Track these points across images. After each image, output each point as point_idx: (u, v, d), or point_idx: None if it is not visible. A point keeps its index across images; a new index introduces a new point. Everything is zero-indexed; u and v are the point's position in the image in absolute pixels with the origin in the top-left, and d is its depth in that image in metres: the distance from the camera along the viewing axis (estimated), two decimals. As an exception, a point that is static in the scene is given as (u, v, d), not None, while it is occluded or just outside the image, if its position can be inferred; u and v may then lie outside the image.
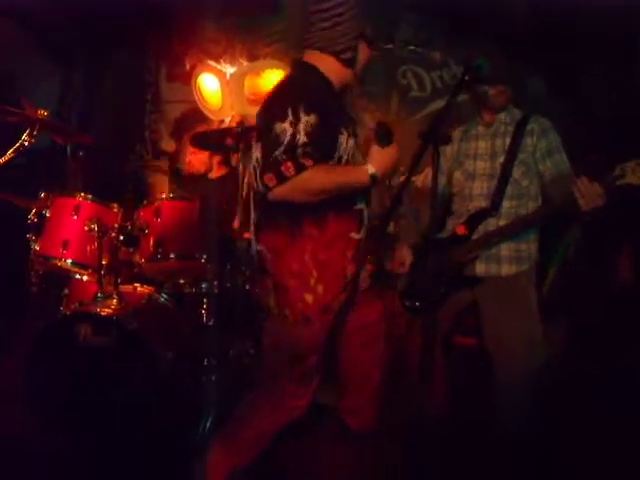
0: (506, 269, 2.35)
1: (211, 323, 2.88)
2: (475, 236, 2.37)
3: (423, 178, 3.73)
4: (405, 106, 4.15)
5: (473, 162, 2.45)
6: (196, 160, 3.58)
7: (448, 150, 2.51)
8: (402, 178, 3.97)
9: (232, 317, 2.88)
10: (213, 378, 2.77)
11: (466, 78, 2.05)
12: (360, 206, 1.92)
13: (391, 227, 3.13)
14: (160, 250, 2.75)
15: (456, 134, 2.51)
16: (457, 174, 2.48)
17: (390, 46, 4.11)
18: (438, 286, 2.38)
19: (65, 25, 4.10)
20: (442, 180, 2.54)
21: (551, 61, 3.61)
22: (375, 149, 1.85)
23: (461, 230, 2.41)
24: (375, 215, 3.53)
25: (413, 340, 2.37)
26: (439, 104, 4.06)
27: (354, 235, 1.89)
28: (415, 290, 2.45)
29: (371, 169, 1.83)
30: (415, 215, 2.60)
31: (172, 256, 2.75)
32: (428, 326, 1.95)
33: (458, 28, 3.85)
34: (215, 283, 2.81)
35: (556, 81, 3.74)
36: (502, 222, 2.34)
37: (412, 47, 4.12)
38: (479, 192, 2.41)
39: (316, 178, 1.79)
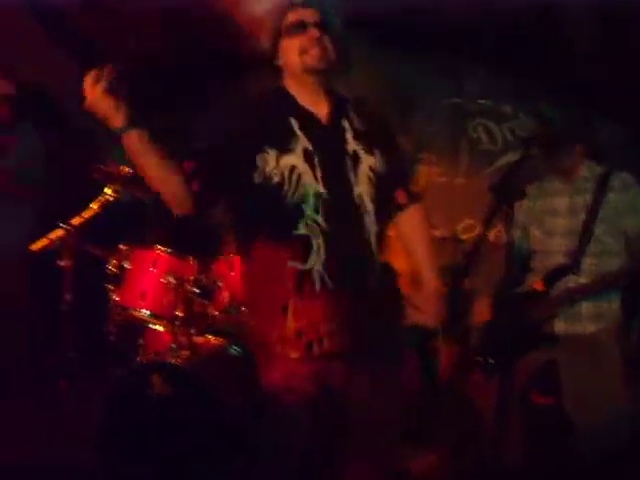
0: (587, 327, 2.26)
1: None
2: (554, 293, 2.30)
3: (496, 232, 3.68)
4: (475, 160, 4.14)
5: (552, 219, 2.40)
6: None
7: (523, 205, 2.47)
8: (475, 232, 3.97)
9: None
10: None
11: (538, 131, 2.04)
12: (299, 232, 1.68)
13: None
14: (233, 303, 2.80)
15: (531, 190, 2.48)
16: (535, 231, 2.44)
17: (457, 100, 4.15)
18: (515, 343, 2.31)
19: (143, 86, 4.33)
20: (517, 234, 2.50)
21: (629, 108, 3.52)
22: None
23: (539, 286, 2.35)
24: (447, 270, 3.50)
25: (488, 397, 2.30)
26: (511, 157, 4.03)
27: (296, 265, 1.67)
28: (490, 346, 2.39)
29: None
30: (488, 270, 2.55)
31: (244, 309, 2.79)
32: (504, 384, 1.89)
33: (527, 78, 3.84)
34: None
35: (636, 129, 3.64)
36: (583, 280, 2.27)
37: (481, 100, 4.13)
38: (558, 249, 2.36)
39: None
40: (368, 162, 1.77)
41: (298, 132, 1.72)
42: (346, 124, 1.79)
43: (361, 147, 1.77)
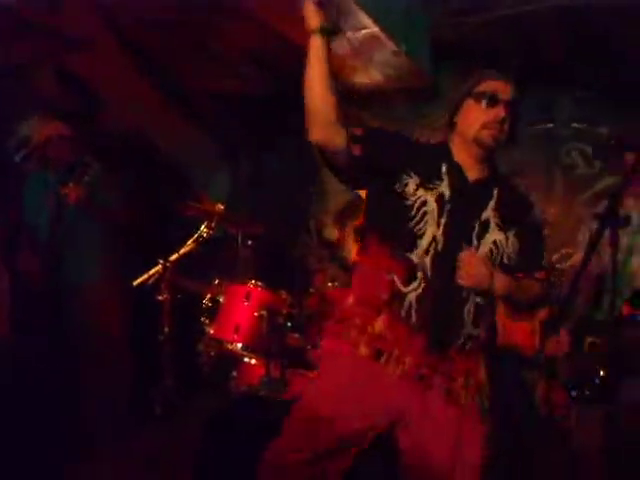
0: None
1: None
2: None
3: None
4: (571, 185, 3.97)
5: None
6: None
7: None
8: (571, 261, 3.79)
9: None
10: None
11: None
12: (411, 257, 1.73)
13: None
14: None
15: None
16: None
17: (550, 125, 4.02)
18: (610, 372, 2.18)
19: (240, 123, 4.48)
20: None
21: None
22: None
23: (627, 310, 2.22)
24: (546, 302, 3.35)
25: (587, 434, 2.16)
26: (609, 181, 3.85)
27: (397, 282, 1.73)
28: (581, 378, 2.26)
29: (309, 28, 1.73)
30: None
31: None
32: (610, 418, 1.77)
33: (624, 99, 3.68)
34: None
35: None
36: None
37: (575, 124, 3.99)
38: None
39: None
40: (495, 235, 1.78)
41: (444, 176, 1.78)
42: (494, 193, 1.82)
43: (496, 220, 1.79)
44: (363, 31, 3.08)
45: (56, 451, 2.78)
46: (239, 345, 2.89)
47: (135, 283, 3.08)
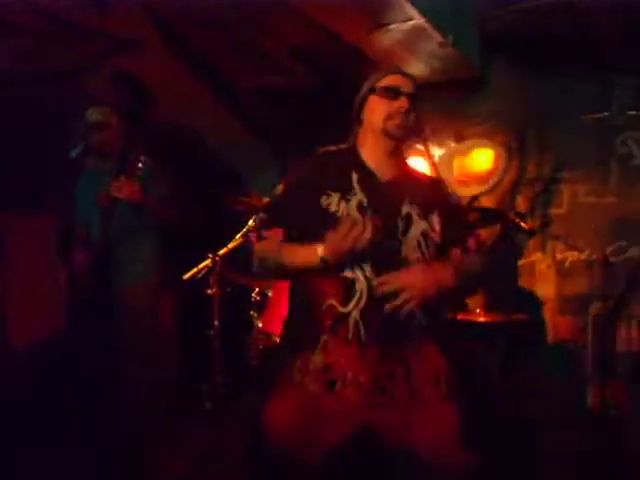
0: None
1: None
2: None
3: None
4: (627, 176, 3.85)
5: None
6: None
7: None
8: (627, 254, 3.69)
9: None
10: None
11: None
12: (346, 275, 1.72)
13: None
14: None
15: None
16: None
17: (605, 114, 3.90)
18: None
19: (288, 119, 4.51)
20: None
21: None
22: (329, 235, 1.67)
23: None
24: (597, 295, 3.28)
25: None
26: (667, 171, 3.72)
27: (336, 305, 1.72)
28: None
29: (321, 252, 1.68)
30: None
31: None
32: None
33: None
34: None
35: None
36: None
37: (631, 112, 3.86)
38: None
39: (264, 250, 1.81)
40: (420, 226, 1.82)
41: (355, 184, 1.81)
42: (406, 187, 1.85)
43: (415, 211, 1.82)
44: (409, 22, 3.05)
45: (106, 446, 2.85)
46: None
47: (185, 277, 3.15)
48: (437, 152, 3.90)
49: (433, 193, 1.91)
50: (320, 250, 1.69)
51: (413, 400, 1.72)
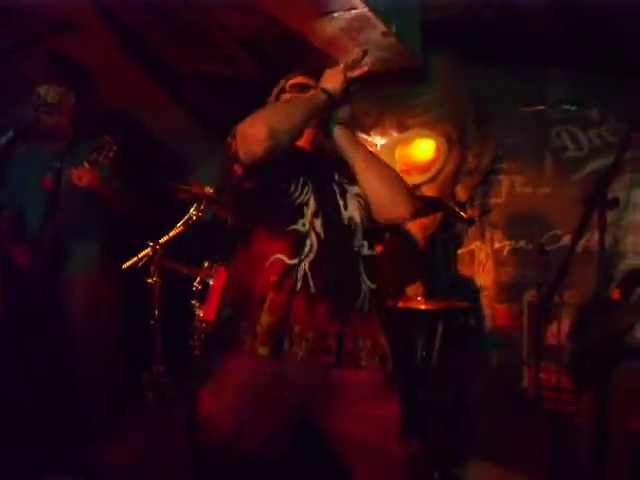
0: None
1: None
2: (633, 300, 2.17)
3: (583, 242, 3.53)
4: (561, 167, 3.98)
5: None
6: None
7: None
8: (561, 243, 3.81)
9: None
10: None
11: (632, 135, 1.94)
12: (297, 227, 1.73)
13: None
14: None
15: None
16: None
17: (541, 107, 4.03)
18: (603, 358, 2.19)
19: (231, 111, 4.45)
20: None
21: None
22: (328, 70, 1.81)
23: (616, 294, 2.23)
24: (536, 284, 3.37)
25: (585, 420, 2.18)
26: (598, 163, 3.86)
27: (284, 258, 1.71)
28: (579, 364, 2.28)
29: (322, 84, 1.79)
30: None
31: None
32: (599, 406, 1.79)
33: (617, 82, 3.68)
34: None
35: None
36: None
37: (566, 106, 3.99)
38: (632, 249, 2.23)
39: (266, 113, 1.79)
40: (353, 190, 1.86)
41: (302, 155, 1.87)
42: (330, 159, 1.91)
43: (344, 178, 1.87)
44: (352, 11, 3.05)
45: (54, 437, 2.78)
46: (229, 327, 2.89)
47: (125, 266, 3.08)
48: (379, 141, 3.93)
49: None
50: (320, 86, 1.78)
51: (356, 370, 1.71)
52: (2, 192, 3.19)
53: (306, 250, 1.71)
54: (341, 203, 1.82)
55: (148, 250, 3.10)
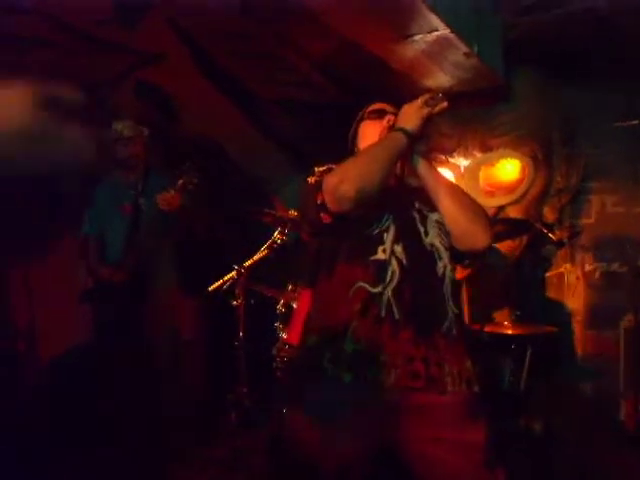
0: None
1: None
2: None
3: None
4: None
5: None
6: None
7: None
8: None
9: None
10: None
11: None
12: (378, 256, 1.73)
13: None
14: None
15: None
16: None
17: (634, 122, 3.84)
18: None
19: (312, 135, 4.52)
20: None
21: None
22: (404, 108, 1.82)
23: None
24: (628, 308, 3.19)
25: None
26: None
27: (366, 286, 1.70)
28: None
29: (400, 123, 1.79)
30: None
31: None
32: None
33: None
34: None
35: None
36: None
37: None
38: None
39: (351, 168, 1.76)
40: (434, 217, 1.86)
41: None
42: (408, 190, 1.92)
43: (424, 207, 1.87)
44: (434, 33, 3.03)
45: (131, 454, 2.86)
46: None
47: (210, 289, 3.16)
48: (463, 163, 3.87)
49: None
50: (399, 126, 1.79)
51: (442, 395, 1.68)
52: (86, 222, 3.42)
53: (388, 277, 1.71)
54: (422, 230, 1.82)
55: (233, 273, 3.17)
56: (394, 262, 1.73)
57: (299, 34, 3.32)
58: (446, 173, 3.91)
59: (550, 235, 3.45)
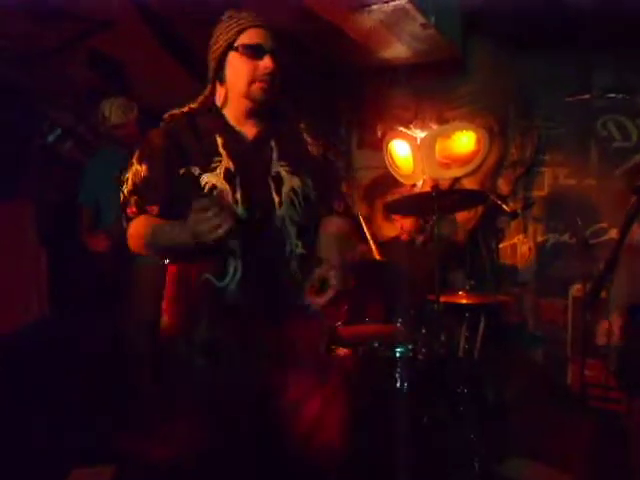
0: None
1: (405, 388, 2.83)
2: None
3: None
4: (607, 158, 3.87)
5: None
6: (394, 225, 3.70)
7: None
8: (606, 236, 3.72)
9: (426, 383, 2.81)
10: (404, 443, 2.70)
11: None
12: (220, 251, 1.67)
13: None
14: (355, 312, 2.80)
15: None
16: None
17: (586, 96, 3.91)
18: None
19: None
20: None
21: None
22: (191, 221, 1.53)
23: None
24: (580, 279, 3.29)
25: (635, 419, 2.12)
26: (647, 153, 3.75)
27: (210, 278, 1.68)
28: (630, 367, 2.20)
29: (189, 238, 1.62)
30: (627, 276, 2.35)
31: (367, 319, 2.78)
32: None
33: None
34: (410, 347, 2.77)
35: None
36: None
37: (612, 95, 3.87)
38: None
39: (138, 228, 1.72)
40: (291, 183, 1.76)
41: (221, 149, 1.72)
42: (273, 144, 1.79)
43: (285, 168, 1.76)
44: (391, 3, 3.01)
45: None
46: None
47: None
48: (419, 134, 3.88)
49: (302, 149, 1.85)
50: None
51: (299, 368, 1.72)
52: (81, 191, 3.43)
53: (231, 273, 1.68)
54: (275, 201, 1.74)
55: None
56: (234, 256, 1.68)
57: (255, 2, 3.25)
58: (402, 145, 3.92)
59: (504, 206, 3.51)
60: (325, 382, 1.76)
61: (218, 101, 1.81)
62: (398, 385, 2.84)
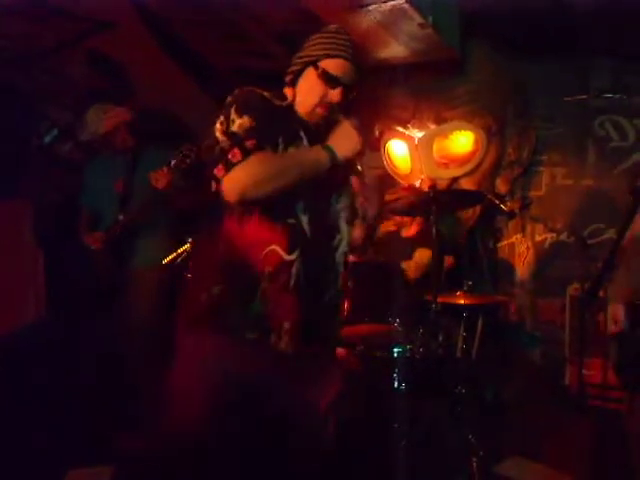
0: None
1: (402, 388, 2.83)
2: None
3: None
4: (604, 158, 3.88)
5: None
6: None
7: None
8: (604, 236, 3.72)
9: (424, 383, 2.81)
10: (403, 443, 2.70)
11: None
12: (293, 221, 1.73)
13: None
14: (354, 312, 2.79)
15: None
16: None
17: (583, 96, 3.92)
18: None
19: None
20: None
21: None
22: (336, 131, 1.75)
23: None
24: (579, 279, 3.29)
25: (636, 419, 2.12)
26: (644, 154, 3.75)
27: (277, 250, 1.70)
28: (630, 362, 2.21)
29: (336, 148, 1.74)
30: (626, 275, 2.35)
31: (366, 319, 2.78)
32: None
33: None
34: (408, 347, 2.77)
35: None
36: None
37: (609, 95, 3.88)
38: None
39: (266, 160, 1.69)
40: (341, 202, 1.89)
41: (302, 134, 1.80)
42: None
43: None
44: (389, 3, 3.01)
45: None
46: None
47: (164, 261, 3.14)
48: (417, 134, 3.88)
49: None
50: (332, 148, 1.73)
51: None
52: (82, 193, 3.47)
53: (298, 250, 1.72)
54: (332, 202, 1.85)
55: (187, 246, 3.14)
56: (303, 228, 1.73)
57: (255, 2, 3.26)
58: (400, 144, 3.93)
59: (502, 206, 3.51)
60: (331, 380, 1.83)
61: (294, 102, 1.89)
62: (396, 385, 2.85)
